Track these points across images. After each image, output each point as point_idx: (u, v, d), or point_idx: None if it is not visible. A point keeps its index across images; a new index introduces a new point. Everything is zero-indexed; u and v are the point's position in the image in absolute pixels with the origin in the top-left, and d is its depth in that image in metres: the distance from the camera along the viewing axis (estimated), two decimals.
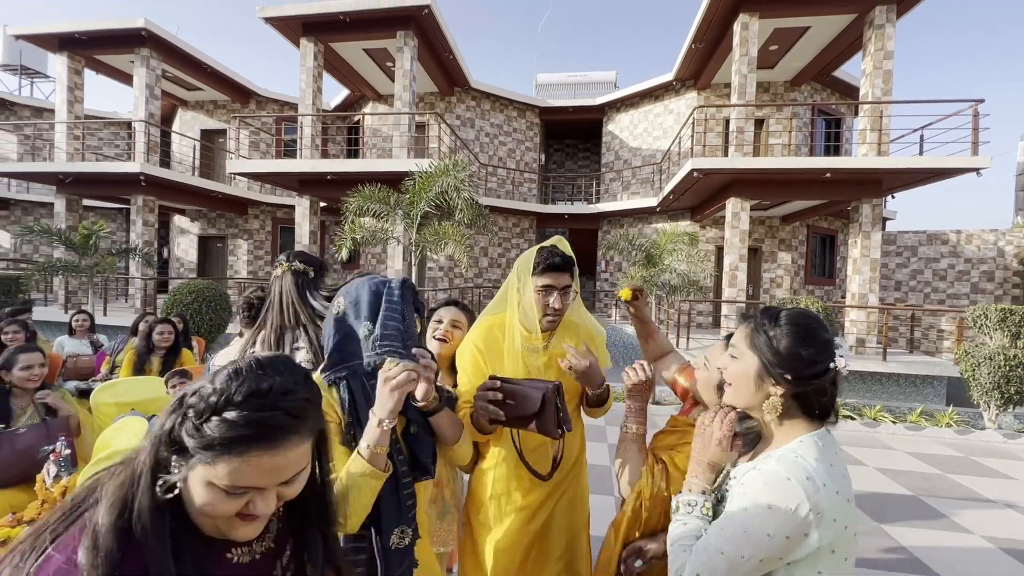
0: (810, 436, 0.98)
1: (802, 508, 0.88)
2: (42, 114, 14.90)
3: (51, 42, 11.41)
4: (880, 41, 8.54)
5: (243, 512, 0.66)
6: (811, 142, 11.99)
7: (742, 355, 1.04)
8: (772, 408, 0.99)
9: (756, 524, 0.91)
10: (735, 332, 1.10)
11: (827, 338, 0.99)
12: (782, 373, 0.97)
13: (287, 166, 10.15)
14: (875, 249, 8.67)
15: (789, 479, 0.90)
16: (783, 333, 0.99)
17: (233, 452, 0.62)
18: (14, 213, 15.16)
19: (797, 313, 1.03)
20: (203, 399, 0.64)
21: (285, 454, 0.65)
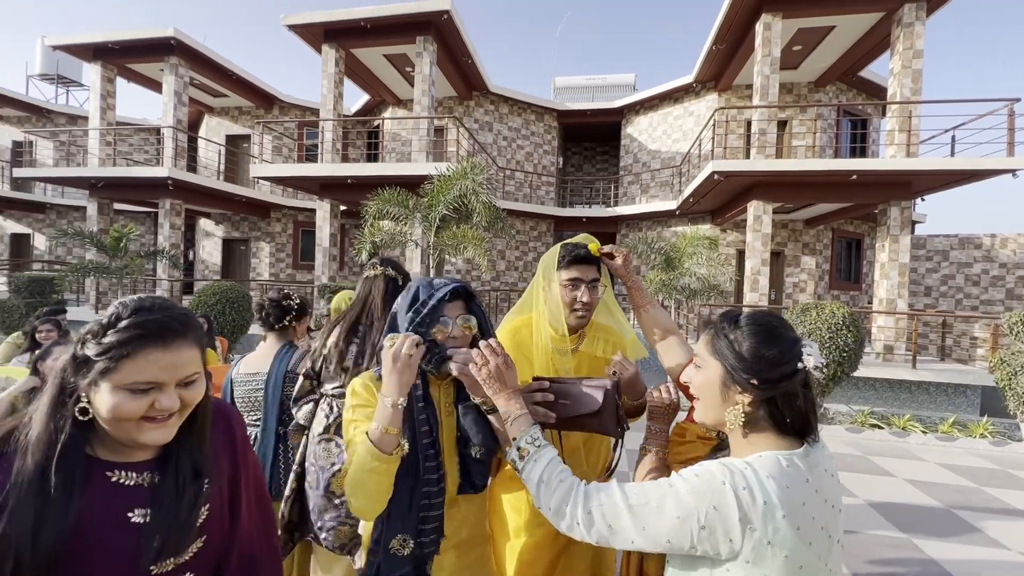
0: (773, 453, 0.87)
1: (727, 509, 0.80)
2: (76, 121, 15.45)
3: (86, 52, 11.85)
4: (909, 40, 8.31)
5: (149, 415, 0.75)
6: (836, 144, 11.72)
7: (705, 363, 0.96)
8: (736, 416, 0.89)
9: (669, 503, 0.85)
10: (699, 340, 1.00)
11: (792, 336, 0.92)
12: (747, 378, 0.88)
13: (309, 170, 10.33)
14: (904, 253, 8.41)
15: (724, 483, 0.82)
16: (744, 335, 0.91)
17: (132, 351, 0.73)
18: (49, 216, 15.74)
19: (758, 313, 0.96)
20: (97, 324, 0.76)
21: (177, 352, 0.77)
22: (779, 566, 0.80)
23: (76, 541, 0.72)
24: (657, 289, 8.45)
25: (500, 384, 1.09)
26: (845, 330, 5.65)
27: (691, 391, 1.00)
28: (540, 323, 1.50)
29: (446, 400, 1.26)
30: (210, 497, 0.86)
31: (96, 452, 0.78)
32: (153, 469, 0.81)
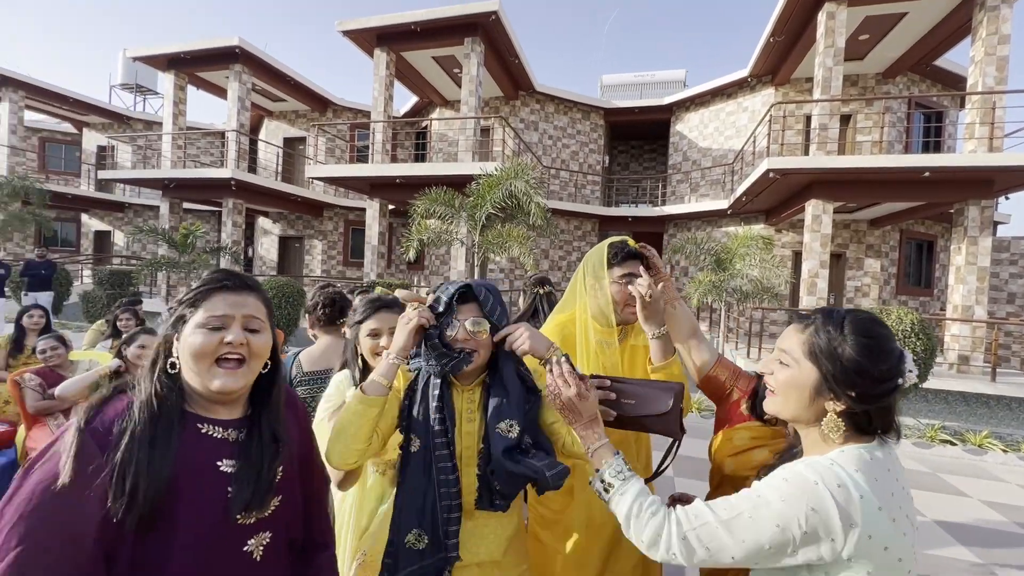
0: (855, 447, 0.86)
1: (827, 509, 0.79)
2: (152, 127, 16.69)
3: (160, 62, 12.77)
4: (993, 24, 7.65)
5: (221, 354, 0.88)
6: (906, 138, 10.95)
7: (798, 363, 0.91)
8: (835, 427, 0.87)
9: (764, 513, 0.82)
10: (787, 332, 0.97)
11: (899, 351, 0.87)
12: (846, 390, 0.85)
13: (360, 170, 10.69)
14: (983, 256, 7.76)
15: (817, 483, 0.81)
16: (850, 344, 0.87)
17: (207, 294, 0.90)
18: (127, 215, 17.07)
19: (865, 320, 0.90)
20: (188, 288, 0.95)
21: (243, 296, 0.93)
22: (880, 560, 0.79)
23: (174, 486, 0.81)
24: (706, 291, 8.18)
25: (575, 415, 1.08)
26: (914, 337, 5.28)
27: (770, 383, 0.96)
28: (584, 319, 1.52)
29: (468, 406, 1.23)
30: (284, 461, 0.96)
31: (189, 408, 0.90)
32: (238, 427, 0.93)
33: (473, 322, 1.17)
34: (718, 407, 1.52)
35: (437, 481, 1.15)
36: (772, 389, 0.96)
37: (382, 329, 1.56)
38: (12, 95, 14.68)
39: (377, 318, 1.58)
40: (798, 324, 0.95)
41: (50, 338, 3.05)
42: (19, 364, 3.66)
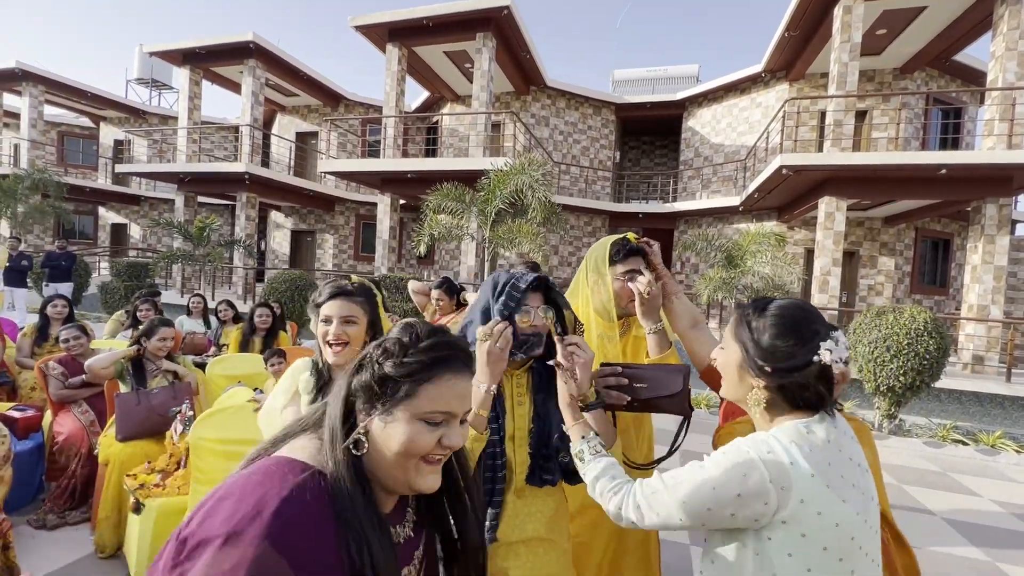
0: (793, 422, 0.92)
1: (756, 474, 0.85)
2: (167, 121, 16.92)
3: (176, 57, 12.93)
4: (1015, 18, 7.50)
5: (430, 455, 0.69)
6: (923, 135, 10.78)
7: (727, 345, 1.02)
8: (756, 401, 0.96)
9: (702, 478, 0.89)
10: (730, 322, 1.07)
11: (812, 330, 0.92)
12: (761, 365, 0.93)
13: (372, 165, 10.77)
14: (1000, 255, 7.64)
15: (749, 452, 0.88)
16: (767, 324, 0.95)
17: (434, 374, 0.68)
18: (143, 208, 17.35)
19: (786, 304, 0.97)
20: (395, 343, 0.70)
21: (468, 381, 0.73)
22: (816, 524, 0.84)
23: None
24: (716, 288, 8.15)
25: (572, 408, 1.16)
26: (926, 336, 5.22)
27: (717, 367, 1.06)
28: (587, 312, 1.58)
29: (517, 390, 1.27)
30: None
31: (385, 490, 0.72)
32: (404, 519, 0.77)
33: (544, 309, 1.23)
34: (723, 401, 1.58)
35: (484, 465, 1.19)
36: (721, 373, 1.06)
37: (333, 317, 1.44)
38: (32, 90, 14.95)
39: (331, 305, 1.46)
40: (736, 312, 1.04)
41: (73, 327, 3.15)
42: (44, 352, 3.78)
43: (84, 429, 2.85)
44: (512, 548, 1.22)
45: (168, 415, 2.53)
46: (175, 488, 2.26)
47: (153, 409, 2.58)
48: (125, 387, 2.71)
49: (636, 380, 1.33)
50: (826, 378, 0.92)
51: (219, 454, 2.02)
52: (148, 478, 2.30)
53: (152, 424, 2.58)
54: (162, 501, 2.19)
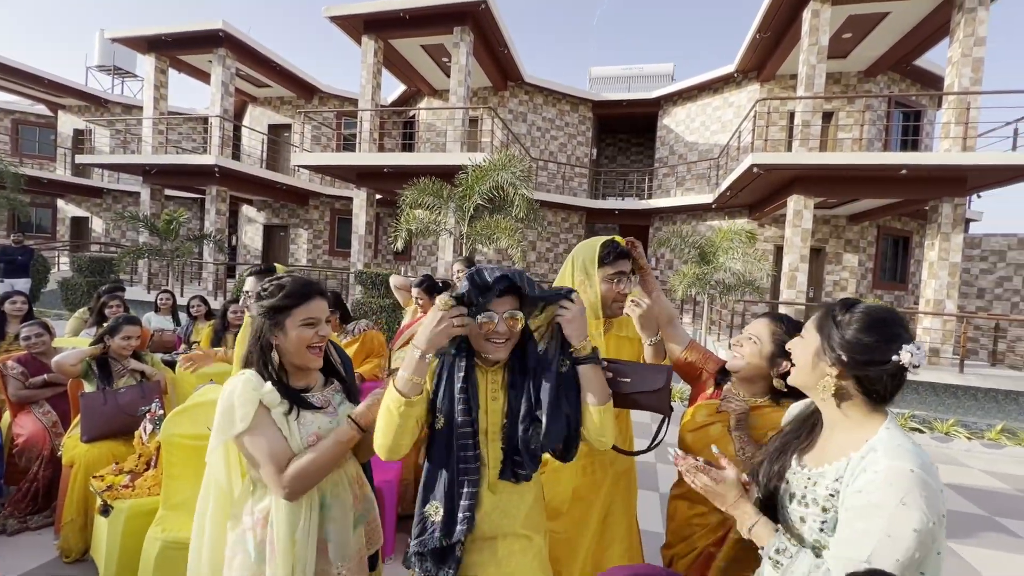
0: (892, 421, 0.98)
1: (935, 493, 0.86)
2: (131, 110, 16.27)
3: (140, 44, 12.44)
4: (970, 26, 7.85)
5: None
6: (886, 136, 11.21)
7: (807, 334, 1.07)
8: (825, 387, 1.01)
9: (898, 523, 0.84)
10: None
11: (896, 332, 0.97)
12: (838, 355, 0.99)
13: (347, 159, 10.59)
14: (955, 252, 8.03)
15: (913, 470, 0.87)
16: (853, 320, 1.00)
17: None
18: (106, 201, 16.66)
19: (876, 306, 1.03)
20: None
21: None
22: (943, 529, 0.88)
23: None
24: (690, 283, 8.32)
25: (720, 499, 1.11)
26: None
27: (793, 358, 1.10)
28: None
29: (492, 385, 1.27)
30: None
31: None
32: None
33: (511, 313, 1.20)
34: (691, 388, 1.67)
35: (457, 457, 1.20)
36: (793, 362, 1.10)
37: (319, 318, 1.34)
38: None
39: (314, 306, 1.33)
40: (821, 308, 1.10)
41: (35, 324, 3.03)
42: (1, 351, 3.62)
43: (46, 430, 2.76)
44: (488, 544, 1.23)
45: (137, 415, 2.47)
46: (145, 489, 2.21)
47: (121, 409, 2.51)
48: (91, 386, 2.63)
49: (620, 375, 1.37)
50: (899, 378, 0.98)
51: (193, 450, 1.99)
52: (116, 479, 2.25)
53: (120, 424, 2.51)
54: (132, 503, 2.14)
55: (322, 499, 1.32)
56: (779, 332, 1.45)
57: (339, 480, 1.38)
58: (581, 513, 1.60)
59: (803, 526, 1.01)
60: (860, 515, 0.89)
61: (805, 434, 1.10)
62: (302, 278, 1.39)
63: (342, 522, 1.35)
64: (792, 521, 1.04)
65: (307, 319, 1.32)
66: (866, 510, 0.88)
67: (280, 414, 1.27)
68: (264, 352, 1.32)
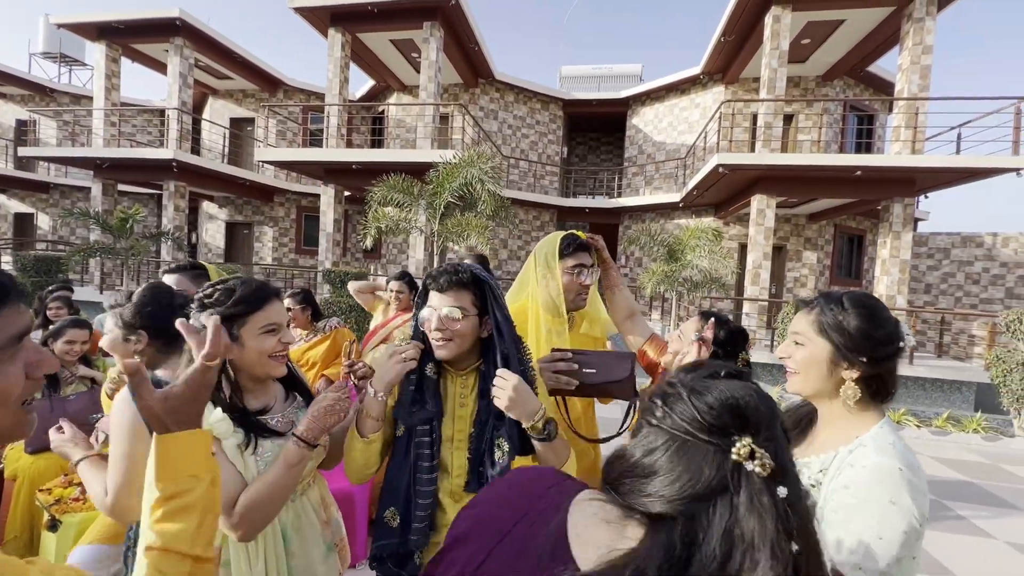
0: (887, 420, 0.98)
1: (921, 494, 0.86)
2: (80, 101, 15.39)
3: (90, 31, 11.78)
4: (919, 35, 8.27)
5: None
6: (842, 139, 11.69)
7: (810, 341, 1.01)
8: (852, 394, 0.96)
9: (888, 525, 0.83)
10: (796, 318, 1.07)
11: (894, 318, 0.99)
12: (857, 356, 0.95)
13: (313, 155, 10.33)
14: (905, 250, 8.45)
15: (901, 469, 0.87)
16: (852, 316, 0.97)
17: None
18: (53, 196, 15.74)
19: (860, 295, 1.01)
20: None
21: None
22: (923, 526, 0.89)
23: None
24: (659, 281, 8.49)
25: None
26: None
27: (790, 365, 1.05)
28: (535, 309, 1.59)
29: (462, 391, 1.23)
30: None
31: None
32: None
33: (448, 311, 1.16)
34: (650, 381, 1.71)
35: (414, 465, 1.18)
36: (794, 370, 1.04)
37: (280, 323, 1.20)
38: None
39: (273, 310, 1.19)
40: (804, 308, 1.05)
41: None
42: None
43: None
44: None
45: (88, 423, 2.33)
46: None
47: (70, 417, 2.37)
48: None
49: (585, 366, 1.37)
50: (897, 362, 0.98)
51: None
52: (66, 492, 2.12)
53: None
54: (83, 516, 2.02)
55: (284, 533, 1.20)
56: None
57: (301, 510, 1.25)
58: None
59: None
60: (851, 516, 0.88)
61: (798, 432, 1.08)
62: (253, 279, 1.22)
63: (309, 555, 1.25)
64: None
65: (267, 326, 1.16)
66: (857, 510, 0.87)
67: (233, 446, 1.10)
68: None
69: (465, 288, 1.19)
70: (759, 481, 0.46)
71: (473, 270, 1.22)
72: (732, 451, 0.48)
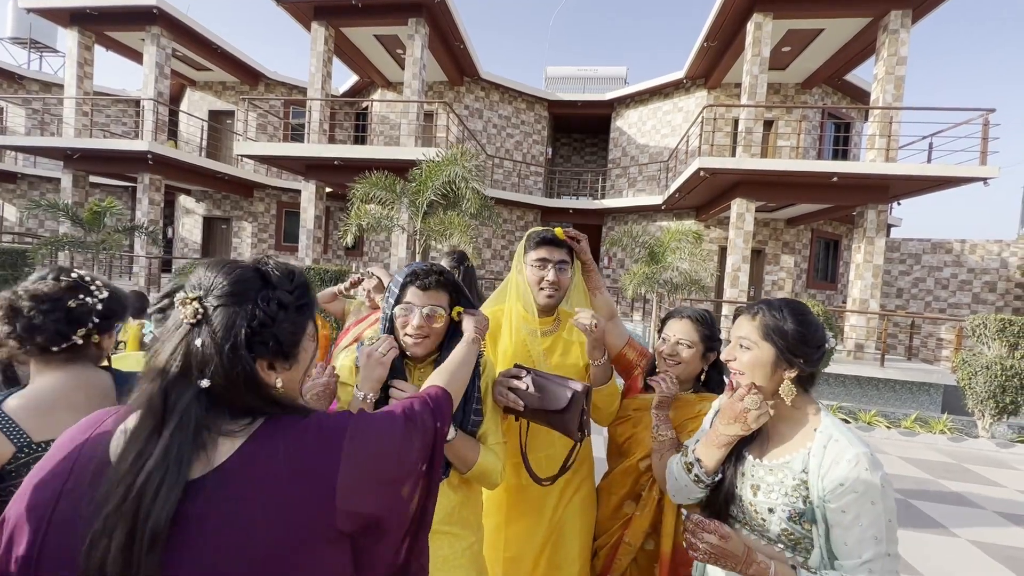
0: (823, 408, 1.11)
1: (878, 470, 0.98)
2: (51, 89, 14.87)
3: (62, 16, 11.38)
4: (894, 46, 8.49)
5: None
6: (819, 145, 11.96)
7: (755, 344, 1.10)
8: (789, 391, 1.07)
9: (890, 507, 0.96)
10: (739, 323, 1.16)
11: (813, 317, 1.12)
12: (796, 358, 1.06)
13: (295, 150, 10.16)
14: (878, 255, 8.68)
15: (870, 453, 0.99)
16: (791, 321, 1.08)
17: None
18: (20, 187, 15.18)
19: (795, 303, 1.13)
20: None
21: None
22: None
23: None
24: (640, 282, 8.57)
25: (732, 558, 1.02)
26: None
27: (735, 367, 1.14)
28: (513, 307, 1.56)
29: (419, 383, 1.23)
30: None
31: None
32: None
33: (432, 309, 1.19)
34: (625, 381, 1.71)
35: None
36: (739, 371, 1.12)
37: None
38: None
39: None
40: (747, 314, 1.14)
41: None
42: None
43: None
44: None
45: None
46: None
47: None
48: None
49: (536, 388, 1.29)
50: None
51: None
52: None
53: None
54: None
55: None
56: (704, 331, 1.54)
57: None
58: (530, 527, 1.51)
59: (771, 516, 1.05)
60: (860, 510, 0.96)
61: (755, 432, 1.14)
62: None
63: None
64: (757, 512, 1.07)
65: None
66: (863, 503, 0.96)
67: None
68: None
69: (445, 289, 1.23)
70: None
71: (447, 273, 1.26)
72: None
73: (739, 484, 1.12)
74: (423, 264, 1.23)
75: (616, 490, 1.56)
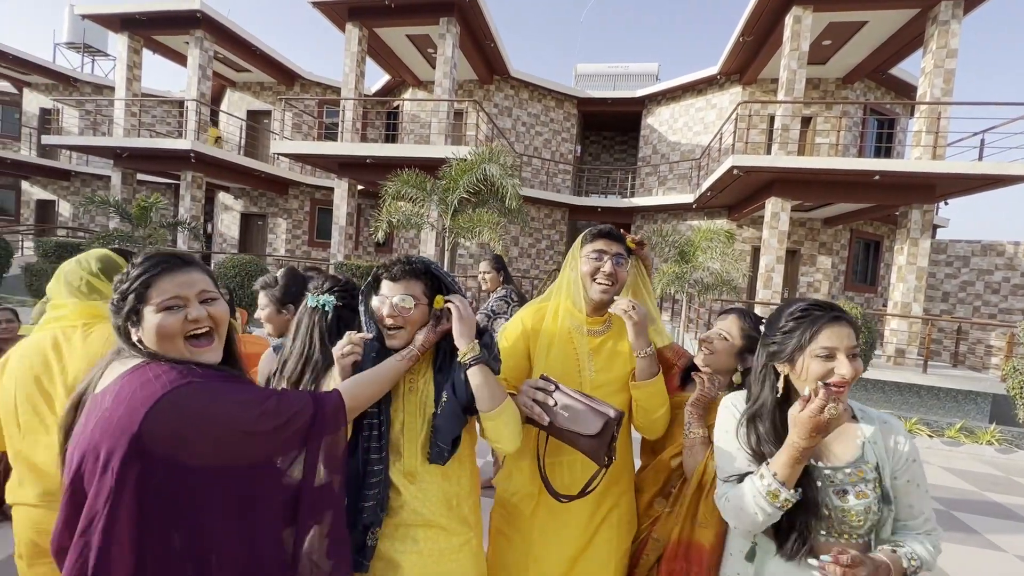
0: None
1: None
2: (102, 91, 15.66)
3: (113, 22, 11.98)
4: (943, 38, 8.11)
5: (188, 332, 0.95)
6: (860, 143, 11.51)
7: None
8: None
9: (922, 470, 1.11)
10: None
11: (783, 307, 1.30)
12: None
13: (328, 148, 10.42)
14: (923, 257, 8.32)
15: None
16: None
17: (154, 279, 0.94)
18: (74, 184, 16.06)
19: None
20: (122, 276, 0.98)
21: (188, 273, 0.97)
22: None
23: None
24: (670, 282, 8.46)
25: None
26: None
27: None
28: (560, 303, 1.52)
29: (409, 376, 1.25)
30: None
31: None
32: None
33: (402, 298, 1.19)
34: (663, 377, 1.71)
35: (364, 449, 1.20)
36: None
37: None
38: None
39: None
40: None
41: (5, 310, 2.93)
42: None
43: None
44: (409, 531, 1.22)
45: None
46: None
47: None
48: None
49: (564, 407, 1.24)
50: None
51: None
52: None
53: None
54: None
55: None
56: (747, 328, 1.50)
57: None
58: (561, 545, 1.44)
59: (867, 515, 1.06)
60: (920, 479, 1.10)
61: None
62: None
63: None
64: (854, 515, 1.06)
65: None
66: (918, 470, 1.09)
67: None
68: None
69: (417, 278, 1.23)
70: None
71: (426, 262, 1.26)
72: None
73: (822, 494, 1.07)
74: (399, 256, 1.26)
75: (648, 487, 1.55)
